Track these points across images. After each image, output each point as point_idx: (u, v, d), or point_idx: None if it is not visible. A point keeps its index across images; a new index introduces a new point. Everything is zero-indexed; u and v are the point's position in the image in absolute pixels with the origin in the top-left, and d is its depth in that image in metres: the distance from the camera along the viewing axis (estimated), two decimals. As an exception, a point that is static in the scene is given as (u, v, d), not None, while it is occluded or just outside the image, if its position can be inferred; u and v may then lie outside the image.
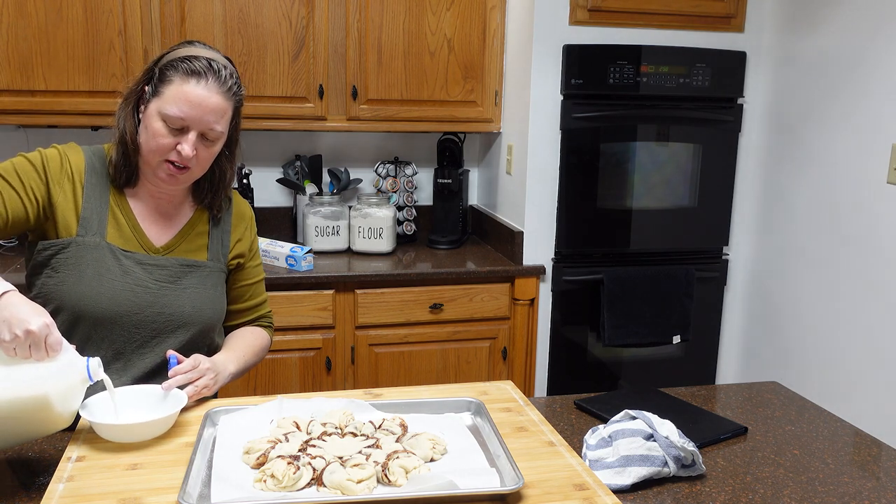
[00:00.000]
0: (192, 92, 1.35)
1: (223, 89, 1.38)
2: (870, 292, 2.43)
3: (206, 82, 1.36)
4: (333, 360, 2.72)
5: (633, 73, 2.71)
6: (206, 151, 1.40)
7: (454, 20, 2.88)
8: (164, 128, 1.36)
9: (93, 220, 1.40)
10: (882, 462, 1.37)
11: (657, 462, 1.24)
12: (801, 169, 2.74)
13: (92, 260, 1.38)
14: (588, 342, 2.92)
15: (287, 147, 3.18)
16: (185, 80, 1.35)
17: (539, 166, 2.77)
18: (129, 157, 1.42)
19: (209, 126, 1.37)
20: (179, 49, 1.41)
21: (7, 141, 2.94)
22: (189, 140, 1.36)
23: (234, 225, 1.57)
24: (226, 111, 1.39)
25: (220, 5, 2.68)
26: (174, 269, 1.45)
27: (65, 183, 1.40)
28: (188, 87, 1.35)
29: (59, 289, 1.38)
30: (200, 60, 1.37)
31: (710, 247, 2.99)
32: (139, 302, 1.41)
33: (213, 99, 1.36)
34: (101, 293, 1.38)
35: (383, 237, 2.92)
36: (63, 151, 1.43)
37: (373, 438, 1.25)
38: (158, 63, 1.40)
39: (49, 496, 1.09)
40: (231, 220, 1.57)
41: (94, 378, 1.20)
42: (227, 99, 1.39)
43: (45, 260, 1.40)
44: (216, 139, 1.40)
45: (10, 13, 2.53)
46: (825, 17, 2.60)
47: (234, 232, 1.57)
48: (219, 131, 1.39)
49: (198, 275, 1.48)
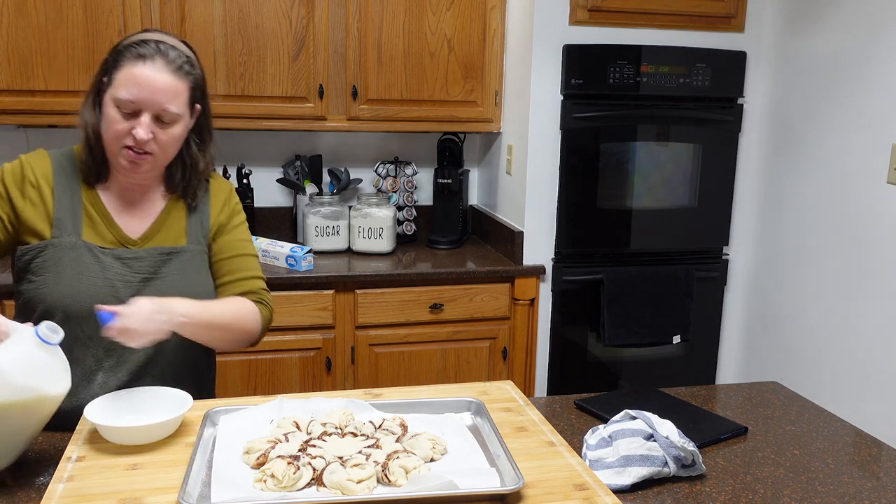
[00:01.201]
0: (140, 73, 1.35)
1: (171, 68, 1.37)
2: (870, 292, 2.43)
3: (154, 63, 1.35)
4: (333, 360, 2.72)
5: (633, 73, 2.71)
6: (164, 134, 1.38)
7: (454, 20, 2.88)
8: (118, 113, 1.36)
9: (66, 220, 1.41)
10: (882, 462, 1.37)
11: (657, 462, 1.24)
12: (801, 169, 2.74)
13: (70, 260, 1.38)
14: (588, 342, 2.92)
15: (287, 147, 3.18)
16: (133, 64, 1.35)
17: (539, 166, 2.77)
18: (94, 152, 1.43)
19: (161, 107, 1.36)
20: (133, 36, 1.41)
21: (7, 141, 2.94)
22: (142, 123, 1.35)
23: (213, 204, 1.55)
24: (178, 91, 1.38)
25: (220, 5, 2.68)
26: (153, 259, 1.44)
27: (28, 191, 1.41)
28: (136, 70, 1.35)
29: (40, 291, 1.39)
30: (149, 44, 1.37)
31: (710, 247, 2.99)
32: (121, 297, 1.39)
33: (162, 78, 1.36)
34: (82, 291, 1.38)
35: (383, 237, 2.92)
36: (25, 161, 1.44)
37: (373, 438, 1.25)
38: (112, 53, 1.41)
39: (49, 496, 1.09)
40: (209, 200, 1.55)
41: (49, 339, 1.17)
42: (178, 78, 1.38)
43: (25, 265, 1.41)
44: (172, 121, 1.38)
45: (10, 13, 2.53)
46: (825, 17, 2.60)
47: (213, 209, 1.54)
48: (173, 112, 1.37)
49: (178, 261, 1.46)
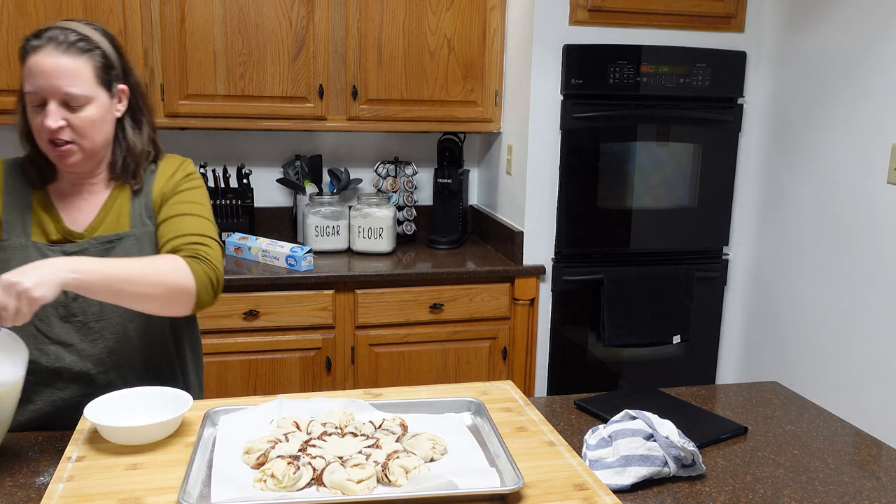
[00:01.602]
0: (35, 63, 1.34)
1: (61, 49, 1.34)
2: (870, 292, 2.43)
3: (45, 49, 1.34)
4: (333, 360, 2.72)
5: (633, 73, 2.71)
6: (77, 119, 1.35)
7: (454, 20, 2.88)
8: (31, 110, 1.36)
9: (15, 223, 1.42)
10: (882, 462, 1.37)
11: (657, 462, 1.24)
12: (801, 169, 2.74)
13: (20, 260, 1.36)
14: (588, 342, 2.92)
15: (287, 147, 3.18)
16: (29, 56, 1.35)
17: (539, 166, 2.77)
18: (32, 155, 1.43)
19: (62, 90, 1.33)
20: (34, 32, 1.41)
21: (7, 141, 2.93)
22: (49, 112, 1.33)
23: (156, 182, 1.50)
24: (77, 71, 1.34)
25: (220, 5, 2.68)
26: (97, 249, 1.42)
27: None
28: (31, 61, 1.34)
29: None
30: (42, 34, 1.36)
31: (710, 247, 2.99)
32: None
33: (52, 62, 1.33)
34: None
35: (383, 237, 2.92)
36: None
37: (373, 438, 1.25)
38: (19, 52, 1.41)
39: (49, 496, 1.09)
40: (154, 178, 1.50)
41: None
42: (73, 57, 1.34)
43: None
44: (82, 103, 1.35)
45: (10, 13, 2.53)
46: (825, 17, 2.60)
47: (155, 187, 1.49)
48: (77, 93, 1.34)
49: (123, 247, 1.44)
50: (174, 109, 2.73)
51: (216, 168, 2.99)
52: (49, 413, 1.46)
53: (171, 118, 2.74)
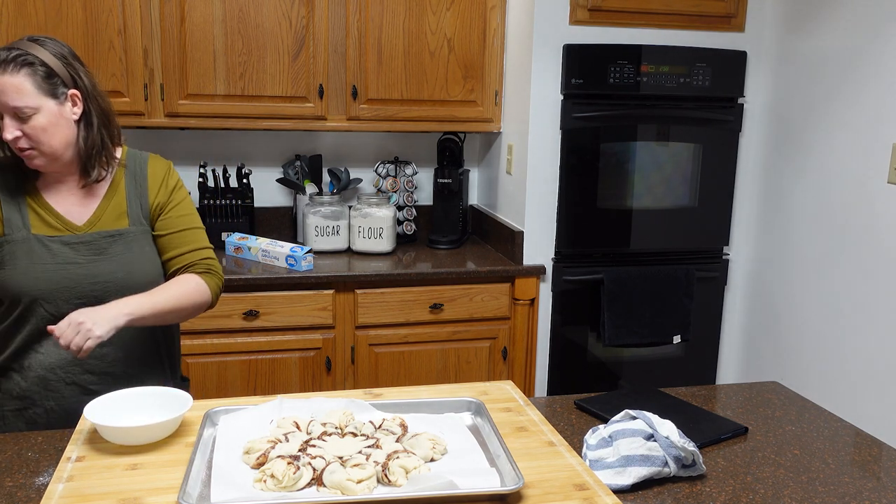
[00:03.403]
0: None
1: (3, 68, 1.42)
2: (870, 292, 2.43)
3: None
4: (333, 360, 2.72)
5: (633, 73, 2.71)
6: (30, 128, 1.44)
7: (454, 20, 2.88)
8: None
9: (14, 218, 1.51)
10: (882, 462, 1.37)
11: (657, 462, 1.24)
12: (801, 169, 2.74)
13: (23, 253, 1.49)
14: (588, 342, 2.92)
15: (287, 147, 3.18)
16: None
17: (539, 166, 2.77)
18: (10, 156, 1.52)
19: (10, 105, 1.43)
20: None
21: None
22: (5, 126, 1.45)
23: (150, 185, 1.62)
24: (19, 86, 1.42)
25: (220, 5, 2.68)
26: (99, 241, 1.54)
27: None
28: None
29: (4, 283, 1.49)
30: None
31: (710, 247, 2.99)
32: (72, 276, 1.50)
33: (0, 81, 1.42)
34: (38, 277, 1.48)
35: (383, 237, 2.92)
36: None
37: (373, 438, 1.24)
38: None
39: (49, 496, 1.09)
40: (147, 183, 1.62)
41: None
42: (13, 74, 1.42)
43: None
44: (29, 114, 1.44)
45: (10, 13, 2.53)
46: (825, 17, 2.60)
47: (150, 192, 1.62)
48: (22, 105, 1.43)
49: (122, 241, 1.56)
50: (174, 109, 2.73)
51: (216, 168, 2.99)
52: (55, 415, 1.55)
53: (171, 118, 2.74)
